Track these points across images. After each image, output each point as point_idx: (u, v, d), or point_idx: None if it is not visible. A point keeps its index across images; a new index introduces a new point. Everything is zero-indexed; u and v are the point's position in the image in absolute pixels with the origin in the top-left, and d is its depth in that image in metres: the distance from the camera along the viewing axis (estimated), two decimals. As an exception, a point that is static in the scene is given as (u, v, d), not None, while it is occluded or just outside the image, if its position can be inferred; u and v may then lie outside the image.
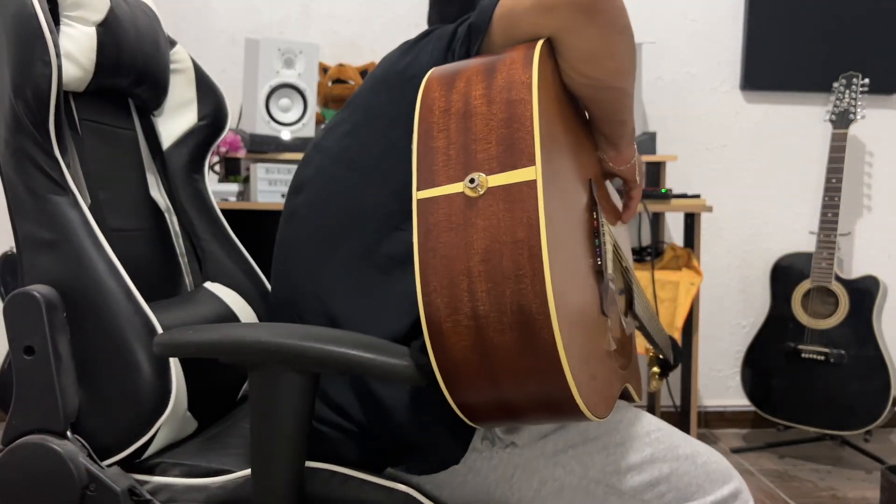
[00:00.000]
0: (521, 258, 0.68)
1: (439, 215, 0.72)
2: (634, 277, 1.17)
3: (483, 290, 0.69)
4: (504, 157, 0.72)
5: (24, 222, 0.93)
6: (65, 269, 0.91)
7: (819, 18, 2.76)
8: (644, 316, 1.18)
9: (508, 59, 0.80)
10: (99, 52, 1.04)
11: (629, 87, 0.92)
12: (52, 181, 0.93)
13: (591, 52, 0.85)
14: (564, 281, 0.73)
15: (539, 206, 0.69)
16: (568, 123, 0.88)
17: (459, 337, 0.70)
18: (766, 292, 2.71)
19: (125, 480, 0.87)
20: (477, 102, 0.77)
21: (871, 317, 2.48)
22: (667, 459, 0.92)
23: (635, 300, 1.12)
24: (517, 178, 0.71)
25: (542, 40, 0.83)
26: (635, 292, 1.14)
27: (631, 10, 2.74)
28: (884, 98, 2.83)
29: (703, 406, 2.90)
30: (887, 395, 2.42)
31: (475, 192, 0.71)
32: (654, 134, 2.68)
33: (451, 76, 0.81)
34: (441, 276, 0.70)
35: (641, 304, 1.17)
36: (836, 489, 2.36)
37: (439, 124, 0.77)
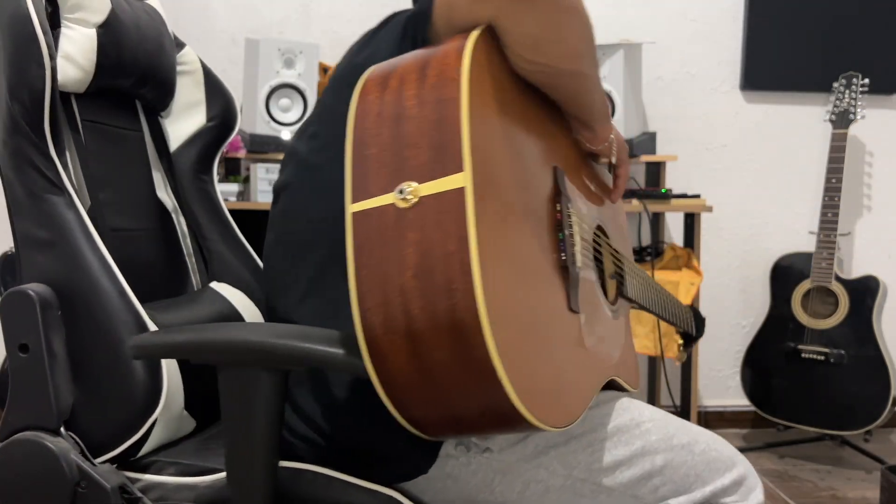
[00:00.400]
0: (452, 271, 0.64)
1: (371, 229, 0.68)
2: (628, 259, 1.14)
3: (417, 308, 0.66)
4: (434, 163, 0.68)
5: (22, 222, 0.94)
6: (60, 267, 0.92)
7: (819, 18, 2.75)
8: (644, 296, 1.14)
9: (441, 54, 0.74)
10: (99, 53, 1.05)
11: (587, 68, 0.86)
12: (48, 181, 0.94)
13: (534, 37, 0.78)
14: (511, 287, 0.70)
15: (467, 215, 0.65)
16: (526, 112, 0.84)
17: (397, 355, 0.67)
18: (766, 292, 2.71)
19: (116, 478, 0.87)
20: (409, 104, 0.72)
21: (871, 317, 2.48)
22: (659, 451, 0.89)
23: (627, 282, 1.08)
24: (447, 186, 0.66)
25: (479, 29, 0.77)
26: (627, 273, 1.09)
27: (631, 10, 2.74)
28: (884, 98, 2.83)
29: (703, 406, 2.89)
30: (887, 395, 2.42)
31: (406, 203, 0.67)
32: (654, 134, 2.68)
33: (386, 75, 0.76)
34: (375, 294, 0.67)
35: (638, 284, 1.13)
36: (836, 489, 2.36)
37: (372, 130, 0.72)
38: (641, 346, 2.44)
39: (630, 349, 1.11)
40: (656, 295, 1.21)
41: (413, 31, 0.84)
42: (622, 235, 1.20)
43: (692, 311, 1.38)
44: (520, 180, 0.78)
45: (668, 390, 2.63)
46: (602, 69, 2.48)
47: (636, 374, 1.10)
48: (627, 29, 2.71)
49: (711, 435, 0.95)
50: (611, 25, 2.72)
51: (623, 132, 2.46)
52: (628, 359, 1.08)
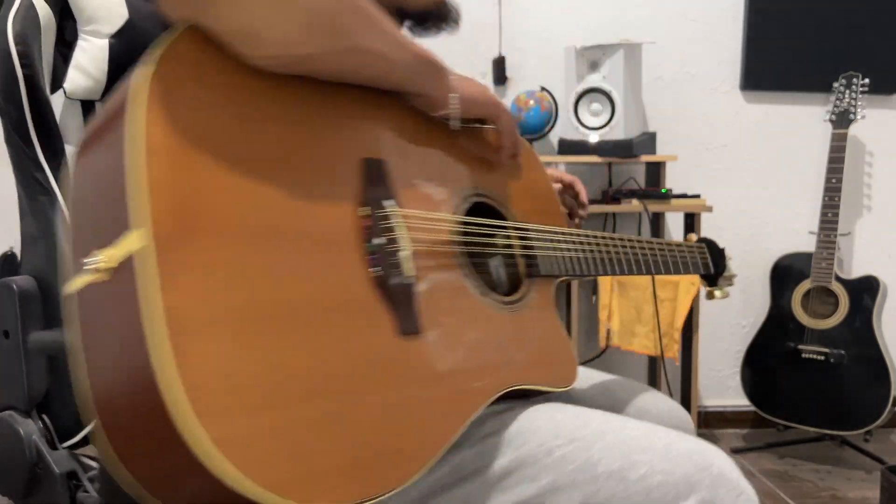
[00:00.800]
0: (134, 353, 0.53)
1: (82, 307, 0.58)
2: (545, 228, 0.98)
3: (120, 399, 0.56)
4: (110, 226, 0.56)
5: (23, 219, 1.02)
6: (44, 262, 0.99)
7: (819, 18, 2.76)
8: (584, 262, 1.00)
9: (121, 87, 0.61)
10: (111, 61, 1.10)
11: (345, 40, 0.70)
12: (38, 183, 1.01)
13: (247, 30, 0.64)
14: (252, 352, 0.57)
15: (138, 282, 0.53)
16: (295, 110, 0.71)
17: (124, 450, 0.58)
18: (766, 292, 2.71)
19: (67, 464, 0.91)
20: (97, 150, 0.61)
21: (871, 317, 2.48)
22: (578, 484, 0.71)
23: (540, 259, 0.93)
24: (125, 250, 0.55)
25: (171, 39, 0.63)
26: (538, 246, 0.94)
27: (631, 10, 2.74)
28: (884, 98, 2.83)
29: (703, 406, 2.89)
30: (887, 395, 2.42)
31: (94, 276, 0.57)
32: (654, 134, 2.68)
33: (90, 127, 0.64)
34: (96, 382, 0.58)
35: (567, 253, 0.98)
36: (836, 489, 2.36)
37: (78, 188, 0.61)
38: (641, 346, 2.44)
39: (553, 340, 0.93)
40: (623, 250, 1.05)
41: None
42: (539, 201, 1.02)
43: (706, 245, 1.22)
44: (280, 199, 0.65)
45: (668, 390, 2.63)
46: (602, 69, 2.48)
47: (566, 367, 0.92)
48: (627, 29, 2.71)
49: (666, 448, 0.73)
50: (611, 25, 2.72)
51: (623, 132, 2.46)
52: (549, 353, 0.91)
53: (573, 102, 2.51)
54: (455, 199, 0.86)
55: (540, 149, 2.69)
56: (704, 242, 1.22)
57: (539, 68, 2.73)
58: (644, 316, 2.42)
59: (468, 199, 0.89)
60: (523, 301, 0.91)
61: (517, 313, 0.89)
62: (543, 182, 1.06)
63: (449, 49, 2.78)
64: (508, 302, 0.89)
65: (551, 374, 0.88)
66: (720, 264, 1.21)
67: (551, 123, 2.61)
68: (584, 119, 2.51)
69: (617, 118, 2.46)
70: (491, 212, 0.93)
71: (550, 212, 1.05)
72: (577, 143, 2.51)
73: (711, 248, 1.22)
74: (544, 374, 0.88)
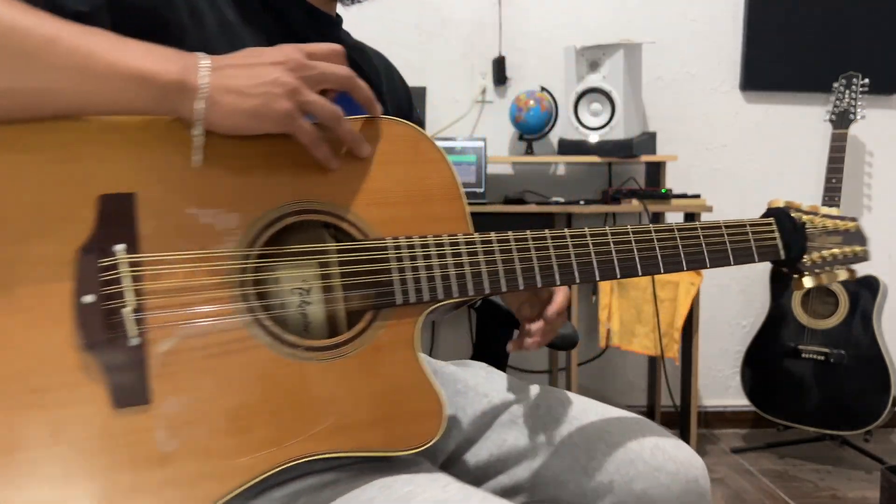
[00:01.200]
0: None
1: None
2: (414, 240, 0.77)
3: None
4: None
5: None
6: None
7: (819, 18, 2.76)
8: (499, 273, 0.78)
9: None
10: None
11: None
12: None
13: None
14: None
15: None
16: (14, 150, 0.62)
17: None
18: (766, 292, 2.71)
19: None
20: None
21: (871, 317, 2.48)
22: None
23: (397, 283, 0.74)
24: None
25: None
26: (395, 267, 0.75)
27: (631, 10, 2.74)
28: (884, 98, 2.83)
29: (703, 406, 2.90)
30: (887, 395, 2.42)
31: None
32: (654, 134, 2.68)
33: None
34: None
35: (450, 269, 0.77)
36: (836, 489, 2.36)
37: None
38: (641, 346, 2.44)
39: (401, 389, 0.73)
40: (580, 253, 0.81)
41: None
42: (422, 206, 0.79)
43: (774, 218, 0.92)
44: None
45: (669, 390, 2.63)
46: (602, 69, 2.48)
47: (417, 422, 0.73)
48: (627, 29, 2.71)
49: None
50: (611, 25, 2.72)
51: (623, 132, 2.46)
52: (388, 407, 0.72)
53: (573, 102, 2.51)
54: (255, 225, 0.71)
55: (540, 149, 2.69)
56: (775, 215, 0.92)
57: (539, 68, 2.73)
58: (644, 316, 2.42)
59: (282, 219, 0.72)
60: (355, 343, 0.73)
61: (340, 360, 0.72)
62: (435, 177, 0.80)
63: (449, 49, 2.79)
64: (324, 348, 0.72)
65: (386, 435, 0.71)
66: (795, 244, 0.91)
67: (551, 123, 2.61)
68: (584, 119, 2.51)
69: (617, 118, 2.46)
70: (321, 230, 0.76)
71: (440, 216, 0.79)
72: (577, 143, 2.51)
73: (783, 223, 0.92)
74: (371, 435, 0.71)
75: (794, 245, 0.91)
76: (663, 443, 0.88)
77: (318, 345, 0.72)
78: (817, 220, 0.96)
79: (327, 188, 0.75)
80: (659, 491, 0.84)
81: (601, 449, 0.86)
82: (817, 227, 0.95)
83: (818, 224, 0.96)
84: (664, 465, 0.85)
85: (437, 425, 0.73)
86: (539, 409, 0.92)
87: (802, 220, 0.93)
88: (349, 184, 0.76)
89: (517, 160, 2.70)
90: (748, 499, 2.30)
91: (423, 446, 0.71)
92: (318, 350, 0.72)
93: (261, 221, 0.71)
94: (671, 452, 0.87)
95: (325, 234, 0.76)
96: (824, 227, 0.96)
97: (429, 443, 0.72)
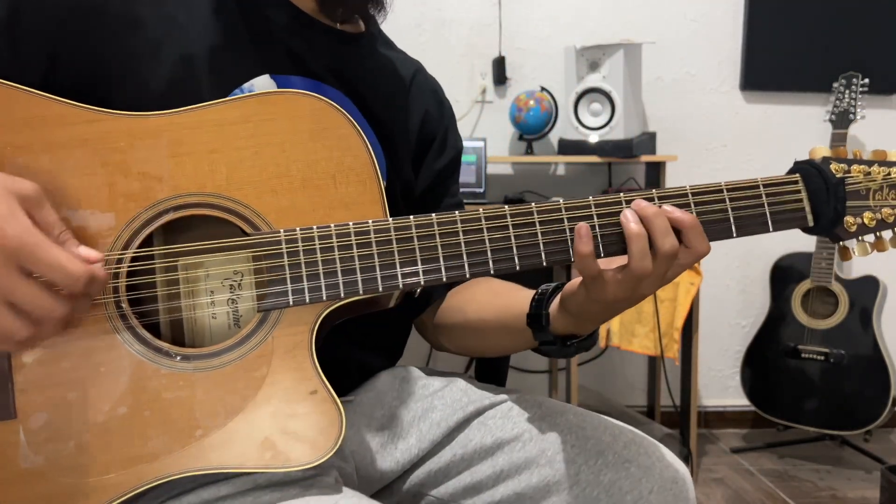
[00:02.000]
0: None
1: None
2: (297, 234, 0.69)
3: None
4: None
5: None
6: None
7: (819, 18, 2.76)
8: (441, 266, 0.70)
9: None
10: None
11: None
12: None
13: None
14: None
15: None
16: None
17: None
18: (766, 292, 2.71)
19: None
20: None
21: (871, 317, 2.48)
22: None
23: (294, 282, 0.67)
24: None
25: None
26: (272, 266, 0.68)
27: (631, 10, 2.74)
28: (884, 98, 2.83)
29: (703, 406, 2.89)
30: (887, 395, 2.42)
31: None
32: (654, 134, 2.68)
33: None
34: None
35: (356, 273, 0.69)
36: (836, 489, 2.36)
37: None
38: (641, 346, 2.44)
39: (284, 402, 0.67)
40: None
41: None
42: (318, 190, 0.71)
43: (801, 175, 0.78)
44: None
45: (669, 390, 2.63)
46: (602, 69, 2.48)
47: (299, 439, 0.67)
48: (627, 29, 2.71)
49: None
50: (611, 25, 2.72)
51: (623, 132, 2.46)
52: (265, 422, 0.67)
53: (573, 102, 2.51)
54: (129, 227, 0.67)
55: (540, 149, 2.69)
56: (801, 171, 0.76)
57: (539, 68, 2.73)
58: (644, 316, 2.42)
59: (159, 217, 0.67)
60: (240, 349, 0.67)
61: (220, 370, 0.67)
62: (346, 156, 0.71)
63: (449, 49, 2.79)
64: (202, 356, 0.67)
65: (271, 450, 0.66)
66: (827, 208, 0.74)
67: (551, 124, 2.61)
68: (584, 119, 2.51)
69: (617, 118, 2.46)
70: (204, 224, 0.70)
71: (351, 201, 0.71)
72: (577, 143, 2.51)
73: (811, 181, 0.76)
74: (254, 450, 0.66)
75: (824, 209, 0.76)
76: (641, 439, 0.85)
77: (194, 353, 0.67)
78: (875, 171, 0.75)
79: (212, 179, 0.68)
80: (629, 483, 0.79)
81: (570, 441, 0.84)
82: (869, 180, 0.75)
83: (875, 176, 0.75)
84: (637, 459, 0.81)
85: (332, 439, 0.67)
86: (512, 411, 0.89)
87: (839, 177, 0.76)
88: (239, 172, 0.69)
89: (517, 160, 2.70)
90: (748, 499, 2.30)
91: (314, 463, 0.66)
92: (195, 359, 0.67)
93: (136, 222, 0.67)
94: (648, 448, 0.83)
95: (232, 229, 0.70)
96: (882, 178, 0.75)
97: (321, 459, 0.66)
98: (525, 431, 0.86)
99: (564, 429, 0.85)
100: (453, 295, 0.97)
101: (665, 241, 0.69)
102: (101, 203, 0.66)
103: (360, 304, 0.71)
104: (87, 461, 0.63)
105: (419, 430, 0.88)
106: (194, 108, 0.70)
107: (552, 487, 0.82)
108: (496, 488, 0.84)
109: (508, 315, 0.84)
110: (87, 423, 0.64)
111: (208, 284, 0.70)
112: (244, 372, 0.67)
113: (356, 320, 0.77)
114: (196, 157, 0.68)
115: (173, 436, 0.65)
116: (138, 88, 0.74)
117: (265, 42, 0.83)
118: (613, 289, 0.70)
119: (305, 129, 0.70)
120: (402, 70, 0.99)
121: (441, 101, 1.03)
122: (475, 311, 0.92)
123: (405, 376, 0.95)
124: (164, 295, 0.69)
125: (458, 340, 0.95)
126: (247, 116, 0.69)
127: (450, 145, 1.00)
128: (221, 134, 0.69)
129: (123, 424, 0.64)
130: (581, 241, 0.69)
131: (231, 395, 0.66)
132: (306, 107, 0.70)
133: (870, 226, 0.76)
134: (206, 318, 0.71)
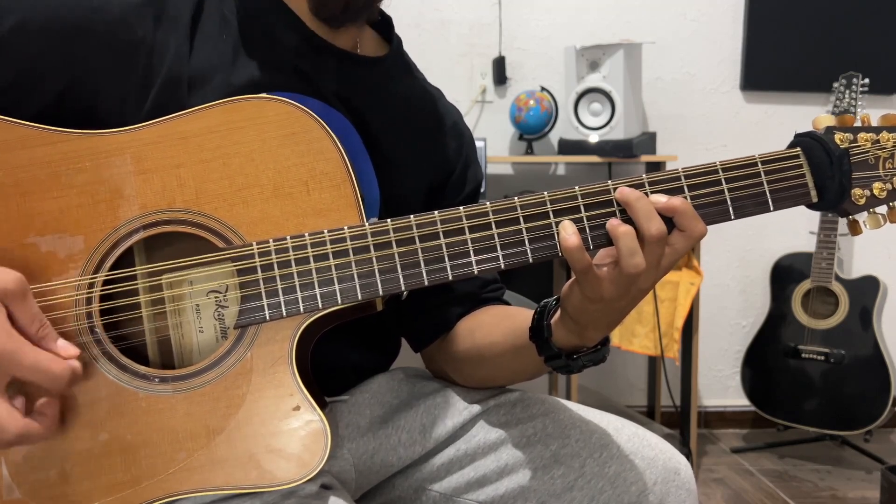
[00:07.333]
0: None
1: None
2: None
3: None
4: None
5: None
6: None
7: (819, 18, 2.76)
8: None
9: None
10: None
11: None
12: None
13: None
14: None
15: None
16: None
17: None
18: (766, 292, 2.71)
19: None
20: None
21: (871, 317, 2.48)
22: None
23: (264, 297, 0.66)
24: None
25: None
26: (247, 281, 0.67)
27: (631, 10, 2.74)
28: (884, 98, 2.83)
29: (703, 406, 2.89)
30: (887, 395, 2.42)
31: None
32: (654, 134, 2.68)
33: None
34: None
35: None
36: (836, 489, 2.36)
37: None
38: (641, 346, 2.44)
39: (263, 420, 0.66)
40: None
41: None
42: (291, 199, 0.68)
43: (802, 149, 0.75)
44: None
45: (669, 390, 2.63)
46: (602, 69, 2.48)
47: (282, 457, 0.66)
48: (627, 29, 2.71)
49: None
50: (611, 25, 2.72)
51: (623, 132, 2.46)
52: (245, 442, 0.66)
53: (573, 102, 2.51)
54: (101, 248, 0.66)
55: (540, 149, 2.69)
56: (802, 145, 0.74)
57: (539, 68, 2.73)
58: (644, 316, 2.42)
59: (130, 236, 0.66)
60: (218, 368, 0.66)
61: (199, 390, 0.66)
62: (318, 161, 0.69)
63: (449, 49, 2.79)
64: (180, 377, 0.66)
65: (256, 468, 0.65)
66: (832, 183, 0.70)
67: (551, 123, 2.61)
68: (584, 119, 2.51)
69: (617, 118, 2.46)
70: (186, 238, 0.68)
71: (325, 207, 0.69)
72: (577, 143, 2.51)
73: (813, 155, 0.72)
74: (239, 470, 0.65)
75: (829, 184, 0.71)
76: (643, 433, 0.87)
77: (172, 375, 0.66)
78: (885, 138, 0.72)
79: (181, 194, 0.66)
80: (633, 475, 0.81)
81: (574, 435, 0.85)
82: (879, 148, 0.71)
83: (884, 143, 0.72)
84: (640, 451, 0.84)
85: (317, 455, 0.65)
86: (516, 408, 0.90)
87: (844, 148, 0.72)
88: (207, 184, 0.67)
89: (517, 160, 2.69)
90: (748, 499, 2.30)
91: (301, 480, 0.65)
92: (173, 380, 0.66)
93: (106, 243, 0.66)
94: (650, 441, 0.86)
95: (209, 244, 0.68)
96: (893, 145, 0.72)
97: (308, 475, 0.65)
98: (529, 427, 0.87)
99: (568, 423, 0.87)
100: (462, 323, 0.95)
101: (650, 224, 0.67)
102: (68, 226, 0.65)
103: (346, 310, 0.69)
104: (70, 490, 0.63)
105: (422, 426, 0.89)
106: (157, 121, 0.68)
107: (557, 481, 0.83)
108: (500, 482, 0.85)
109: (516, 333, 0.83)
110: (69, 452, 0.63)
111: (193, 300, 0.69)
112: (224, 391, 0.66)
113: (351, 321, 0.77)
114: (162, 172, 0.67)
115: (156, 459, 0.65)
116: (135, 114, 0.72)
117: (272, 64, 0.80)
118: (608, 286, 0.69)
119: (274, 135, 0.68)
120: (419, 102, 0.96)
121: (461, 132, 0.99)
122: (484, 336, 0.90)
123: (403, 377, 0.96)
124: (147, 315, 0.68)
125: (467, 369, 0.93)
126: (211, 127, 0.67)
127: (469, 178, 0.97)
128: (187, 147, 0.67)
129: (105, 451, 0.64)
130: (567, 237, 0.68)
131: (212, 416, 0.65)
132: (273, 112, 0.68)
133: (880, 197, 0.72)
134: (193, 334, 0.70)
